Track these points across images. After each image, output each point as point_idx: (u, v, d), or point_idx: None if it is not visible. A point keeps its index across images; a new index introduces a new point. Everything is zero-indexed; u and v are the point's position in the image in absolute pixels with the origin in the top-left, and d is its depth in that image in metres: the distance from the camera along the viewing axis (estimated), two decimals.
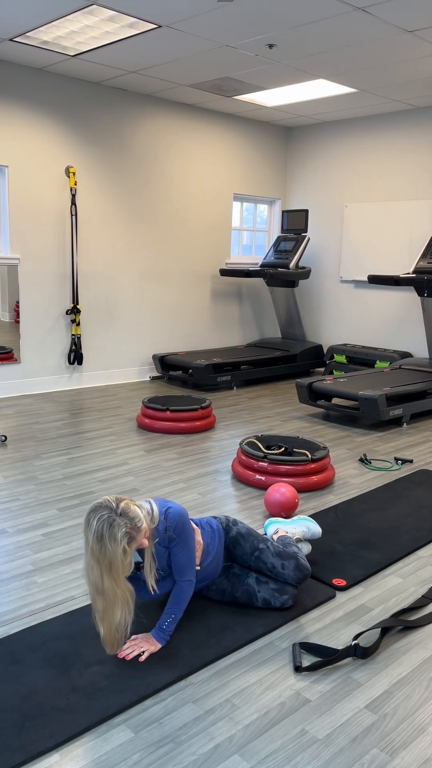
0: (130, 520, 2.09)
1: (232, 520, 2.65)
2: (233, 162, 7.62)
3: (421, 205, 6.93)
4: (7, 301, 6.08)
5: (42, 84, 5.92)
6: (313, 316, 8.19)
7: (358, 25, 4.47)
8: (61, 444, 4.73)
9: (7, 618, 2.48)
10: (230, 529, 2.60)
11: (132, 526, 2.08)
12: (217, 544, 2.54)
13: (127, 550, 2.06)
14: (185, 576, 2.31)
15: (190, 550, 2.31)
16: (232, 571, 2.59)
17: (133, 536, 2.09)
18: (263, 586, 2.54)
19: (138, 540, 2.12)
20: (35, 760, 1.81)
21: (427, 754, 1.85)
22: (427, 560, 3.03)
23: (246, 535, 2.59)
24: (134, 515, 2.11)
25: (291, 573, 2.53)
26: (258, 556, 2.55)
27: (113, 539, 2.04)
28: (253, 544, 2.57)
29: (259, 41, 4.86)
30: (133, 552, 2.10)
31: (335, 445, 4.88)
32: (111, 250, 6.70)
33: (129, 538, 2.07)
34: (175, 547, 2.29)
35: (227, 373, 6.74)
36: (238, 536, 2.58)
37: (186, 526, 2.30)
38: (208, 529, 2.56)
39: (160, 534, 2.26)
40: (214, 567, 2.53)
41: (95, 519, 2.07)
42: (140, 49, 5.13)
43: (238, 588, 2.55)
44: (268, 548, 2.57)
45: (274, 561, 2.54)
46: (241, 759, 1.82)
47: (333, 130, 7.67)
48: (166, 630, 2.28)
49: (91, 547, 2.06)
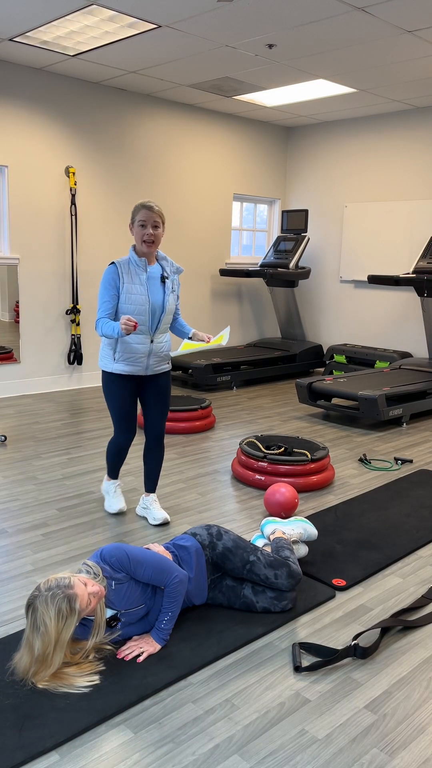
0: (57, 587, 2.07)
1: (215, 533, 2.55)
2: (233, 162, 7.62)
3: (421, 205, 6.93)
4: (7, 301, 6.08)
5: (42, 84, 5.92)
6: (313, 316, 8.19)
7: (358, 25, 4.47)
8: (61, 444, 4.73)
9: (7, 618, 2.48)
10: (215, 545, 2.52)
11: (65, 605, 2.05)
12: (196, 564, 2.47)
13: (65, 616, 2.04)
14: (167, 579, 2.28)
15: (150, 564, 2.28)
16: (225, 584, 2.53)
17: (67, 615, 2.05)
18: (261, 596, 2.51)
19: (78, 593, 2.07)
20: (35, 760, 1.81)
21: (426, 754, 1.85)
22: (427, 560, 3.03)
23: (234, 549, 2.51)
24: (60, 579, 2.10)
25: (284, 582, 2.50)
26: (250, 569, 2.50)
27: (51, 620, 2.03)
28: (243, 557, 2.50)
29: (259, 41, 4.86)
30: (75, 610, 2.05)
31: (335, 445, 4.88)
32: (111, 250, 6.70)
33: (67, 599, 2.04)
34: (136, 573, 2.26)
35: (227, 373, 6.74)
36: (225, 551, 2.51)
37: (123, 551, 2.28)
38: (183, 554, 2.49)
39: (112, 573, 2.25)
40: (200, 587, 2.48)
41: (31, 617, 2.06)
42: (140, 49, 5.14)
43: (235, 601, 2.52)
44: (259, 560, 2.51)
45: (267, 572, 2.49)
46: (241, 759, 1.82)
47: (333, 130, 7.67)
48: (165, 629, 2.28)
49: (28, 637, 2.07)
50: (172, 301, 3.17)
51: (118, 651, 2.24)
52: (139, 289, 3.06)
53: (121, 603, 2.25)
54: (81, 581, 2.11)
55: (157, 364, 3.22)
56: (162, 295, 3.14)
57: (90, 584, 2.13)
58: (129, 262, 3.08)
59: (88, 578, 2.16)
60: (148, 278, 3.10)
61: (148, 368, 3.19)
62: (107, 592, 2.22)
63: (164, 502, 3.68)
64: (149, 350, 3.15)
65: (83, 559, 2.95)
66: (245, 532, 3.31)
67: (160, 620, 2.29)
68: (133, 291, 3.06)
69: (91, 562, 2.26)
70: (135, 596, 2.28)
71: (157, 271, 3.15)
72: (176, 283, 3.21)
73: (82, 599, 2.07)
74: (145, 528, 3.32)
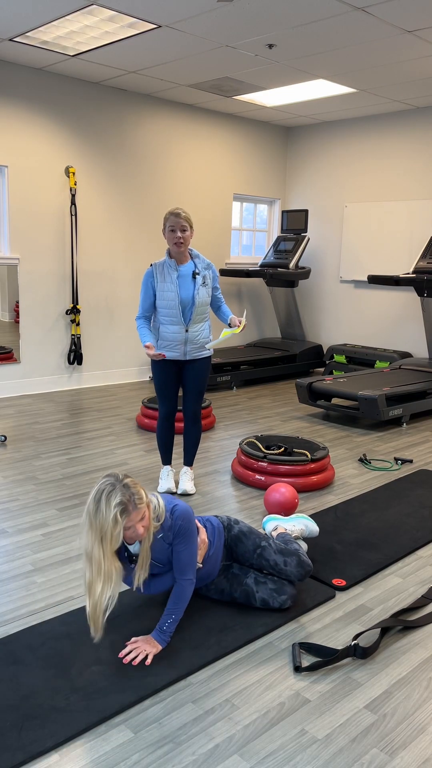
0: (130, 494, 2.11)
1: (234, 519, 2.66)
2: (233, 162, 7.62)
3: (421, 205, 6.93)
4: (7, 301, 6.08)
5: (42, 84, 5.92)
6: (313, 316, 8.19)
7: (358, 25, 4.47)
8: (61, 444, 4.73)
9: (7, 618, 2.48)
10: (232, 528, 2.61)
11: (129, 500, 2.10)
12: (217, 542, 2.55)
13: (118, 520, 2.08)
14: (186, 575, 2.31)
15: (192, 549, 2.32)
16: (231, 571, 2.59)
17: (128, 509, 2.10)
18: (262, 587, 2.54)
19: (133, 516, 2.12)
20: (35, 760, 1.81)
21: (426, 754, 1.85)
22: (427, 560, 3.03)
23: (248, 533, 2.61)
24: (136, 492, 2.14)
25: (293, 569, 2.54)
26: (260, 553, 2.56)
27: (108, 504, 2.07)
28: (255, 541, 2.58)
29: (259, 41, 4.86)
30: (122, 525, 2.10)
31: (335, 445, 4.88)
32: (111, 250, 6.70)
33: (123, 508, 2.09)
34: (179, 545, 2.29)
35: (227, 373, 6.74)
36: (240, 534, 2.60)
37: (191, 525, 2.31)
38: (209, 527, 2.58)
39: (165, 530, 2.28)
40: (212, 565, 2.54)
41: (99, 482, 2.13)
42: (140, 49, 5.13)
43: (237, 588, 2.55)
44: (270, 545, 2.58)
45: (277, 558, 2.55)
46: (241, 759, 1.82)
47: (333, 130, 7.67)
48: (167, 631, 2.27)
49: (88, 507, 2.11)
50: (203, 294, 3.56)
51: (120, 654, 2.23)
52: (170, 287, 3.50)
53: (153, 553, 2.29)
54: (142, 513, 2.15)
55: (194, 350, 3.63)
56: (192, 290, 3.53)
57: (143, 522, 2.17)
58: (163, 264, 3.53)
59: (149, 515, 2.20)
60: (180, 276, 3.52)
61: (187, 354, 3.62)
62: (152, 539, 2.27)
63: None
64: (185, 339, 3.58)
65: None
66: None
67: (162, 622, 2.29)
68: (165, 289, 3.51)
69: (162, 504, 2.29)
70: (165, 555, 2.32)
71: (189, 268, 3.55)
72: (210, 277, 3.61)
73: (131, 520, 2.11)
74: None
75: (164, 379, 3.71)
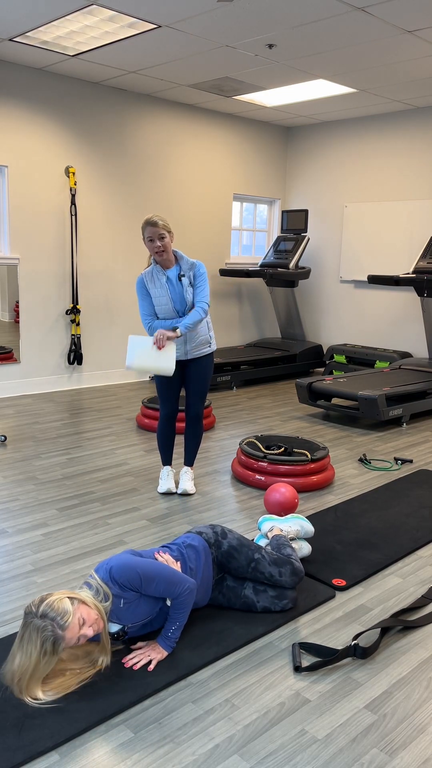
0: (52, 625, 1.97)
1: (220, 532, 2.56)
2: (233, 162, 7.62)
3: (421, 205, 6.93)
4: (7, 301, 6.08)
5: (42, 84, 5.92)
6: (312, 316, 8.19)
7: (358, 25, 4.47)
8: (61, 444, 4.73)
9: (7, 618, 2.48)
10: (221, 544, 2.52)
11: (53, 631, 1.96)
12: (204, 566, 2.45)
13: (49, 653, 1.96)
14: (179, 591, 2.23)
15: (161, 578, 2.21)
16: (226, 584, 2.53)
17: (58, 637, 1.96)
18: (261, 595, 2.51)
19: (68, 637, 1.98)
20: (35, 760, 1.81)
21: (426, 754, 1.85)
22: (427, 560, 3.03)
23: (239, 547, 2.52)
24: (58, 613, 1.98)
25: (288, 579, 2.52)
26: (255, 567, 2.50)
27: (34, 648, 1.95)
28: (248, 555, 2.51)
29: (259, 41, 4.86)
30: (58, 655, 1.98)
31: (335, 445, 4.88)
32: (111, 250, 6.70)
33: (52, 641, 1.96)
34: (147, 589, 2.20)
35: (227, 373, 6.74)
36: (231, 550, 2.51)
37: (136, 571, 2.18)
38: (191, 554, 2.45)
39: (121, 594, 2.17)
40: (205, 589, 2.46)
41: (21, 627, 2.00)
42: (140, 49, 5.13)
43: (236, 602, 2.51)
44: (263, 557, 2.52)
45: (271, 570, 2.51)
46: (241, 759, 1.82)
47: (333, 130, 7.67)
48: (172, 637, 2.25)
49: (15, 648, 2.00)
50: (192, 294, 3.58)
51: (123, 659, 2.21)
52: (161, 291, 3.55)
53: (128, 618, 2.21)
54: (78, 622, 2.00)
55: (195, 349, 3.66)
56: (181, 291, 3.56)
57: (88, 623, 2.03)
58: (152, 271, 3.57)
59: (90, 609, 2.06)
60: (168, 280, 3.55)
61: (188, 353, 3.65)
62: (114, 609, 2.16)
63: (165, 502, 3.68)
64: (184, 338, 3.62)
65: (83, 560, 2.96)
66: (245, 532, 3.31)
67: (167, 628, 2.25)
68: (157, 294, 3.56)
69: (99, 580, 2.16)
70: (143, 610, 2.24)
71: (175, 271, 3.57)
72: (194, 276, 3.60)
73: (68, 642, 1.99)
74: (145, 528, 3.32)
75: (166, 380, 3.71)
